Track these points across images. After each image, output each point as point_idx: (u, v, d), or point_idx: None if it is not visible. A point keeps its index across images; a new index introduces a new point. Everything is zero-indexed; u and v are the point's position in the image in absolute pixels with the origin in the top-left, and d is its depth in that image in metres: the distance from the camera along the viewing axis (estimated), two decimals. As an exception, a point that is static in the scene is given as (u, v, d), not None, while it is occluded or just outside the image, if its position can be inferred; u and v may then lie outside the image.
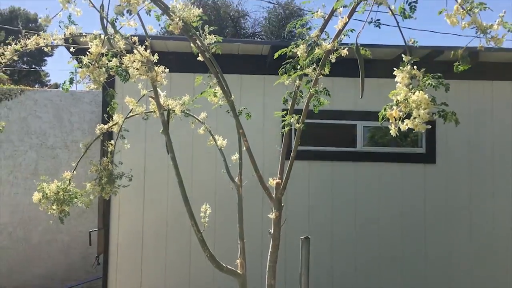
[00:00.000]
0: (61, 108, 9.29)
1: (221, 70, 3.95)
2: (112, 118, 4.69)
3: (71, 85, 3.28)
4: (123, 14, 2.93)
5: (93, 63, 3.03)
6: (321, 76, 3.52)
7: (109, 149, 4.98)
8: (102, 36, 3.45)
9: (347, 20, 2.99)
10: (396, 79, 2.56)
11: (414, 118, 2.39)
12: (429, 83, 2.48)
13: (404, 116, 2.49)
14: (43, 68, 32.26)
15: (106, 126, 5.00)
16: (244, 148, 4.09)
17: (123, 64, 3.47)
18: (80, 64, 3.07)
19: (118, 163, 4.58)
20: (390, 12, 2.80)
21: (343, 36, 3.48)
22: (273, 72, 4.98)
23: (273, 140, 6.81)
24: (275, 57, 4.20)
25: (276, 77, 4.00)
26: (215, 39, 3.93)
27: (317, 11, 3.69)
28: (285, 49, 3.96)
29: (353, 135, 7.16)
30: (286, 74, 3.92)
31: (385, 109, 2.60)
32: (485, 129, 7.27)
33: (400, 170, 7.16)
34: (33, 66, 30.40)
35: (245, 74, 7.04)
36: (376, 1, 2.60)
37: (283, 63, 3.90)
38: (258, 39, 28.77)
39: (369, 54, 3.47)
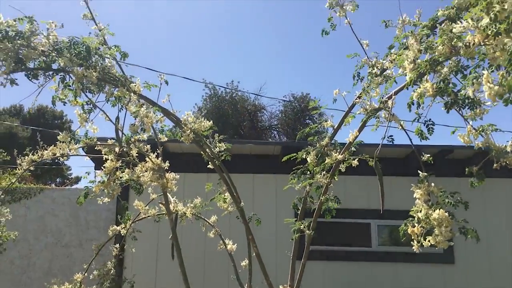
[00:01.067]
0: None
1: (229, 176, 4.03)
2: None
3: (85, 199, 3.39)
4: (138, 133, 3.08)
5: (107, 177, 3.14)
6: (331, 184, 3.56)
7: (113, 253, 4.99)
8: (117, 146, 3.62)
9: (357, 134, 3.08)
10: (414, 195, 2.57)
11: (436, 235, 2.35)
12: (448, 202, 2.48)
13: (425, 231, 2.47)
14: (65, 161, 33.15)
15: (118, 228, 5.07)
16: (254, 254, 4.05)
17: (135, 173, 3.58)
18: (94, 181, 3.19)
19: (123, 268, 4.56)
20: (401, 128, 2.90)
21: (353, 148, 3.58)
22: (285, 171, 5.03)
23: (286, 240, 6.71)
24: (283, 160, 4.29)
25: (288, 177, 4.05)
26: (225, 147, 4.07)
27: (326, 121, 3.84)
28: (294, 154, 4.06)
29: (367, 234, 7.03)
30: (297, 178, 4.00)
31: (405, 225, 2.58)
32: (501, 228, 7.08)
33: (418, 271, 6.91)
34: (56, 160, 31.27)
35: (258, 174, 7.13)
36: (387, 119, 2.68)
37: (294, 168, 3.97)
38: (275, 131, 29.41)
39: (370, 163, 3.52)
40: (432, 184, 2.55)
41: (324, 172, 3.74)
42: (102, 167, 3.28)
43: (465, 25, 1.69)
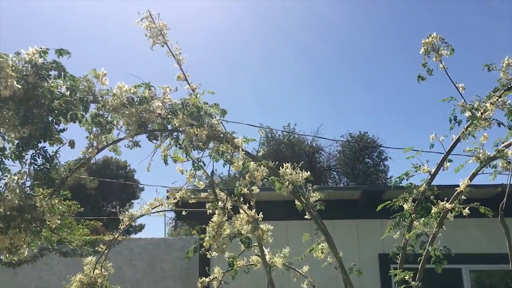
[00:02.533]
0: (154, 255, 9.55)
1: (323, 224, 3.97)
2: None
3: (194, 253, 3.43)
4: (246, 185, 3.12)
5: (215, 232, 3.16)
6: (439, 234, 3.42)
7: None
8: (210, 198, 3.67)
9: (468, 182, 2.96)
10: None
11: None
12: None
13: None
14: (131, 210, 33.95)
15: (207, 279, 5.05)
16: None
17: (235, 227, 3.59)
18: (199, 233, 3.23)
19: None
20: None
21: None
22: (366, 216, 4.86)
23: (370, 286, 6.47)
24: (378, 209, 4.18)
25: (368, 221, 3.97)
26: (319, 196, 4.03)
27: (422, 166, 3.73)
28: (389, 202, 3.96)
29: (459, 281, 6.65)
30: (395, 226, 3.89)
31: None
32: None
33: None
34: (121, 209, 32.19)
35: (338, 219, 6.98)
36: (505, 168, 2.57)
37: (391, 216, 3.86)
38: (334, 172, 29.06)
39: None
40: None
41: (423, 219, 3.62)
42: (210, 221, 3.31)
43: None
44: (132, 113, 2.49)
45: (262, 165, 3.18)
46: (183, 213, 4.22)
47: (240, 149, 3.05)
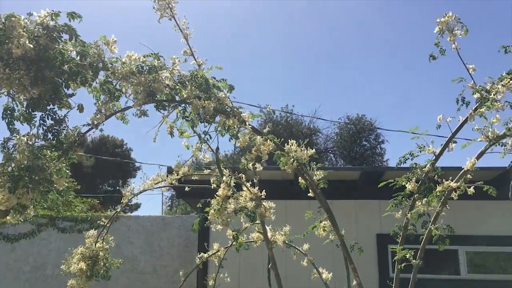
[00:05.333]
0: (152, 233, 9.58)
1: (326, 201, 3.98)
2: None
3: (199, 226, 3.44)
4: (253, 161, 3.10)
5: (220, 205, 3.16)
6: (443, 213, 3.43)
7: (210, 283, 4.98)
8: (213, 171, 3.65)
9: (475, 161, 2.95)
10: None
11: None
12: None
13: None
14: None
15: (206, 255, 5.06)
16: (355, 283, 3.94)
17: (239, 203, 3.58)
18: (203, 209, 3.22)
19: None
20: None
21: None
22: (364, 197, 4.84)
23: (367, 269, 6.51)
24: (379, 185, 4.19)
25: (366, 202, 3.98)
26: (322, 174, 4.02)
27: (426, 147, 3.72)
28: (392, 180, 3.96)
29: (455, 262, 6.71)
30: (395, 205, 3.90)
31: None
32: None
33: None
34: (116, 187, 32.17)
35: (336, 199, 7.00)
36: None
37: (394, 195, 3.87)
38: (331, 154, 29.10)
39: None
40: None
41: (425, 199, 3.62)
42: (216, 195, 3.30)
43: None
44: (141, 82, 2.46)
45: (269, 139, 3.16)
46: (186, 189, 4.21)
47: (247, 124, 3.03)
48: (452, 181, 3.32)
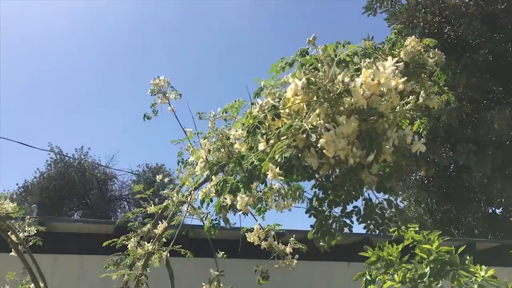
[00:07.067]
0: None
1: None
2: None
3: None
4: None
5: None
6: (143, 276, 3.43)
7: None
8: None
9: (166, 225, 3.04)
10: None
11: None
12: None
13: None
14: None
15: None
16: None
17: None
18: None
19: None
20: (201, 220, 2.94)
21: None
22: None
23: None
24: (103, 245, 4.15)
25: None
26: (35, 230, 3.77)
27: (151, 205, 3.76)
28: (116, 239, 3.95)
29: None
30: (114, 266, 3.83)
31: None
32: None
33: None
34: None
35: (87, 255, 6.66)
36: (188, 212, 2.68)
37: (114, 254, 3.82)
38: (125, 202, 28.20)
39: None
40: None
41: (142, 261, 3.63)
42: None
43: (240, 133, 1.81)
44: None
45: None
46: None
47: None
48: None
